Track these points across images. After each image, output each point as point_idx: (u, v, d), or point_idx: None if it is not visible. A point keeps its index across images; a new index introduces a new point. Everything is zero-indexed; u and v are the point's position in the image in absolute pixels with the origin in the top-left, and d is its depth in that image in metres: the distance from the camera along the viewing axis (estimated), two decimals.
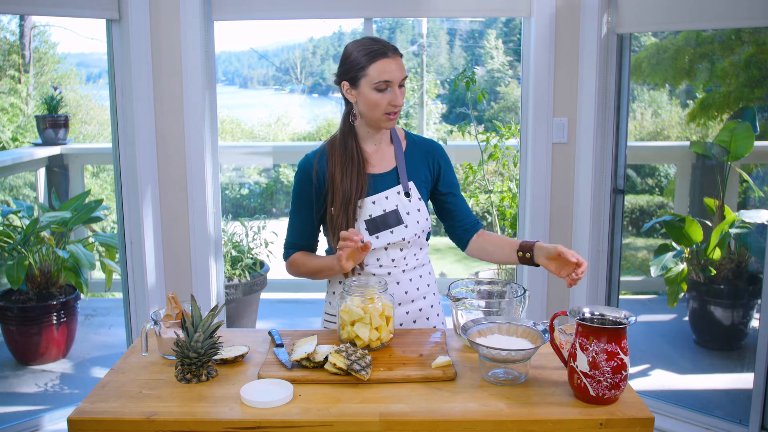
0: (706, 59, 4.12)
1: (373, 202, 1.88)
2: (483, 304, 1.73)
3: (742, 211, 3.62)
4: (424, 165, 1.97)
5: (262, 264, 4.28)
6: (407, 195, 1.91)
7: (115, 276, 3.80)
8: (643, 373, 3.52)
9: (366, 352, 1.59)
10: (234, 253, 4.12)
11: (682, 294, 3.63)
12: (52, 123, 4.43)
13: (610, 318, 1.47)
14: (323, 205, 1.92)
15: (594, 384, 1.41)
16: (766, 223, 3.48)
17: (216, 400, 1.47)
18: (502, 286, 1.85)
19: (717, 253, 3.61)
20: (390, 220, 1.89)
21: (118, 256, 3.60)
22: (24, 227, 3.61)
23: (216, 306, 1.61)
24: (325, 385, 1.53)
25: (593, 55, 3.02)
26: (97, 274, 4.42)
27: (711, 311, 3.68)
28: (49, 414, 3.10)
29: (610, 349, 1.39)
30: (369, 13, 3.11)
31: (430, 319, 2.00)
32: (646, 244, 4.98)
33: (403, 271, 1.92)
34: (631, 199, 5.16)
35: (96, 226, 4.69)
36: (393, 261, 1.91)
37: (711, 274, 3.62)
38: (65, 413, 3.09)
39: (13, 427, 3.00)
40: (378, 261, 1.90)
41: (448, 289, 1.79)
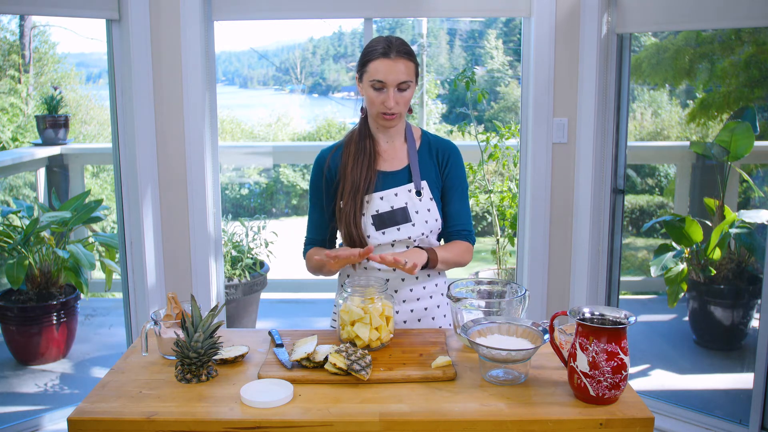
0: (706, 59, 4.12)
1: (381, 198, 1.89)
2: (483, 304, 1.73)
3: (742, 211, 3.62)
4: (434, 164, 1.98)
5: (262, 264, 4.28)
6: (418, 194, 1.91)
7: (115, 276, 3.80)
8: (643, 373, 3.52)
9: (366, 352, 1.59)
10: (234, 253, 4.12)
11: (682, 294, 3.63)
12: (52, 123, 4.43)
13: (610, 318, 1.47)
14: (334, 198, 1.94)
15: (594, 384, 1.41)
16: (766, 223, 3.48)
17: (216, 400, 1.47)
18: (502, 286, 1.85)
19: (717, 253, 3.61)
20: (397, 217, 1.89)
21: (118, 256, 3.60)
22: (24, 227, 3.61)
23: (216, 306, 1.61)
24: (325, 385, 1.53)
25: (593, 55, 3.02)
26: (97, 274, 4.42)
27: (711, 311, 3.68)
28: (49, 414, 3.10)
29: (610, 349, 1.39)
30: (369, 13, 3.12)
31: (435, 319, 1.99)
32: (646, 244, 4.98)
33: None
34: (631, 199, 5.16)
35: (96, 226, 4.68)
36: None
37: (711, 274, 3.62)
38: (65, 413, 3.09)
39: (13, 427, 3.00)
40: None
41: (447, 289, 1.80)
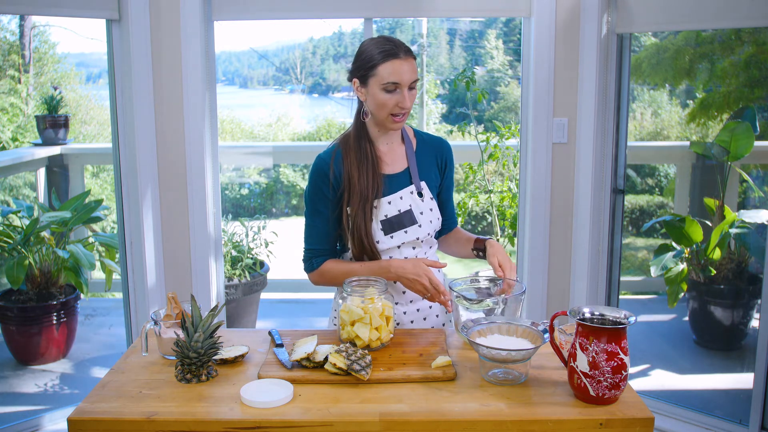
0: (706, 59, 4.12)
1: (389, 203, 1.89)
2: (482, 302, 1.73)
3: (742, 211, 3.62)
4: (434, 164, 1.98)
5: (262, 264, 4.28)
6: (420, 195, 1.92)
7: (115, 276, 3.80)
8: (643, 373, 3.52)
9: (366, 352, 1.59)
10: (234, 253, 4.12)
11: (682, 294, 3.63)
12: (52, 123, 4.43)
13: (610, 318, 1.47)
14: (339, 206, 1.90)
15: (594, 384, 1.41)
16: (766, 223, 3.48)
17: (216, 400, 1.47)
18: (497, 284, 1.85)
19: (717, 253, 3.61)
20: (404, 220, 1.89)
21: (118, 256, 3.60)
22: (24, 227, 3.61)
23: (216, 306, 1.61)
24: (325, 385, 1.53)
25: (593, 55, 3.02)
26: (97, 274, 4.42)
27: (711, 311, 3.68)
28: (49, 414, 3.10)
29: (610, 349, 1.39)
30: (369, 13, 3.11)
31: (439, 317, 2.01)
32: (646, 244, 4.97)
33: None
34: (631, 199, 5.16)
35: (96, 226, 4.68)
36: (406, 259, 1.92)
37: (711, 274, 3.62)
38: (65, 413, 3.09)
39: (13, 427, 3.00)
40: (391, 259, 1.91)
41: (449, 287, 1.80)
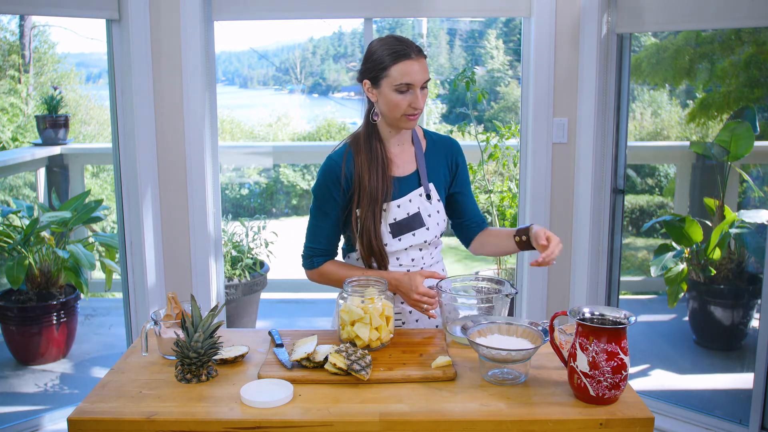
0: (706, 59, 4.11)
1: (398, 206, 1.89)
2: (465, 299, 1.76)
3: (742, 211, 3.62)
4: (444, 165, 1.97)
5: (262, 264, 4.28)
6: (428, 197, 1.92)
7: (115, 276, 3.80)
8: (643, 373, 3.52)
9: (366, 352, 1.59)
10: (234, 253, 4.12)
11: (682, 294, 3.63)
12: (52, 123, 4.43)
13: (610, 318, 1.47)
14: (348, 208, 1.90)
15: (594, 384, 1.41)
16: (766, 223, 3.48)
17: (216, 400, 1.47)
18: (495, 284, 1.85)
19: (717, 253, 3.61)
20: (413, 223, 1.89)
21: (118, 256, 3.60)
22: (24, 227, 3.61)
23: (216, 306, 1.61)
24: (325, 385, 1.53)
25: (593, 55, 3.02)
26: (97, 274, 4.42)
27: (711, 311, 3.67)
28: (49, 414, 3.10)
29: (610, 349, 1.39)
30: (369, 13, 3.11)
31: None
32: (646, 244, 4.97)
33: (420, 269, 1.94)
34: (631, 199, 5.16)
35: (96, 226, 4.68)
36: (413, 260, 1.94)
37: (711, 274, 3.62)
38: (65, 413, 3.09)
39: (13, 427, 3.00)
40: (398, 260, 1.93)
41: (436, 287, 1.80)
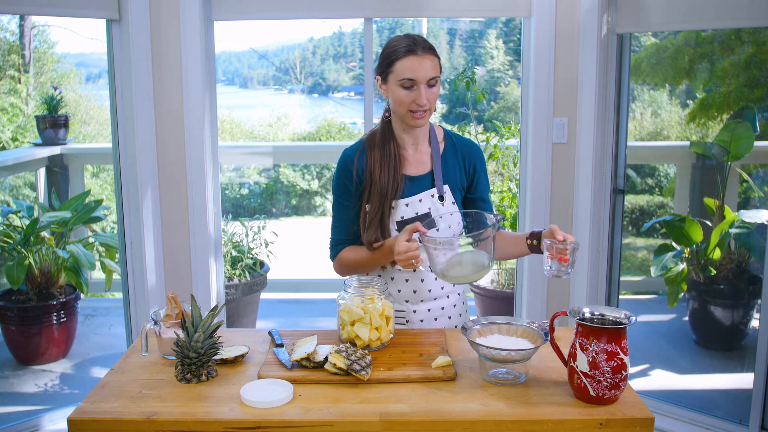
0: (706, 59, 4.11)
1: (407, 205, 1.89)
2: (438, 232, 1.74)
3: (742, 211, 3.62)
4: (461, 168, 1.96)
5: (262, 264, 4.28)
6: (441, 199, 1.91)
7: (115, 276, 3.80)
8: (643, 373, 3.52)
9: (366, 352, 1.59)
10: (234, 253, 4.12)
11: (682, 294, 3.63)
12: (52, 123, 4.43)
13: (610, 318, 1.47)
14: (360, 200, 1.92)
15: (594, 384, 1.41)
16: (766, 223, 3.48)
17: (216, 400, 1.47)
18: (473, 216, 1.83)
19: (717, 253, 3.61)
20: (422, 223, 1.88)
21: (118, 256, 3.60)
22: (24, 227, 3.61)
23: (216, 306, 1.61)
24: (325, 385, 1.53)
25: (593, 55, 3.02)
26: (97, 274, 4.42)
27: (711, 311, 3.68)
28: (49, 414, 3.10)
29: (610, 349, 1.39)
30: (369, 13, 3.11)
31: (452, 318, 2.00)
32: (646, 244, 4.98)
33: (429, 269, 1.92)
34: (631, 199, 5.16)
35: (96, 226, 4.68)
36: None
37: (711, 274, 3.62)
38: (65, 413, 3.09)
39: (13, 427, 3.00)
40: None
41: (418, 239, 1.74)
